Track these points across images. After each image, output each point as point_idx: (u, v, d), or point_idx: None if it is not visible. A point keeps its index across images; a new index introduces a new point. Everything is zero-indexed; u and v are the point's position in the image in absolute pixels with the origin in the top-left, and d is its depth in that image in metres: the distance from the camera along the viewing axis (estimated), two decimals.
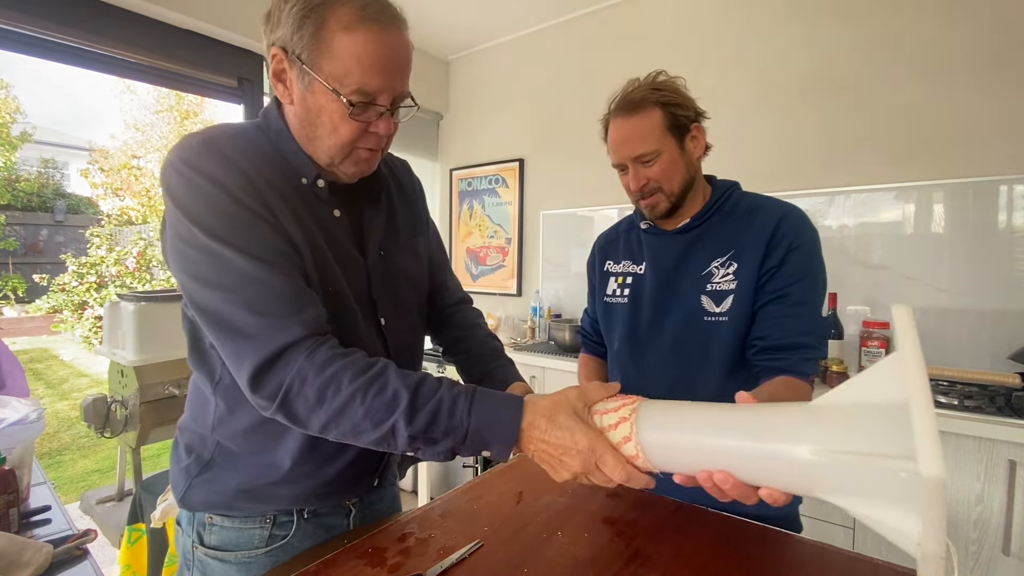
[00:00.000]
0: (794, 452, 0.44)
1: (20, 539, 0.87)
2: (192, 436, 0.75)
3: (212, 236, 0.60)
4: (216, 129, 0.68)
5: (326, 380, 0.58)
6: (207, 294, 0.61)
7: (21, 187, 10.89)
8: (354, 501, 0.82)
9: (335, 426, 0.59)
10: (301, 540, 0.76)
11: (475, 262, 3.20)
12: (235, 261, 0.60)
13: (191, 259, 0.62)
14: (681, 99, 0.92)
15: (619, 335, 1.03)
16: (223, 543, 0.74)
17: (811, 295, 0.87)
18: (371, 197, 0.80)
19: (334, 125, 0.66)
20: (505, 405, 0.60)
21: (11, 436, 1.11)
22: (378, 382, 0.59)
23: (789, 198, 2.02)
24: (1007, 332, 1.62)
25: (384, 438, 0.59)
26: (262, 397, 0.60)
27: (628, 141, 0.91)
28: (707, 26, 2.25)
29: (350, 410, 0.58)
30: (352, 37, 0.61)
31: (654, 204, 0.95)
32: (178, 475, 0.75)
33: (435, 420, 0.58)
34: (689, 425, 0.53)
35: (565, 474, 0.58)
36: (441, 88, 3.27)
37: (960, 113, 1.72)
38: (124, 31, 1.92)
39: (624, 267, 1.06)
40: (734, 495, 0.51)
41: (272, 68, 0.67)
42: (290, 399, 0.59)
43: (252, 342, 0.59)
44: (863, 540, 1.46)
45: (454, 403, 0.59)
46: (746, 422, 0.50)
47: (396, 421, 0.57)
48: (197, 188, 0.61)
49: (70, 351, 7.40)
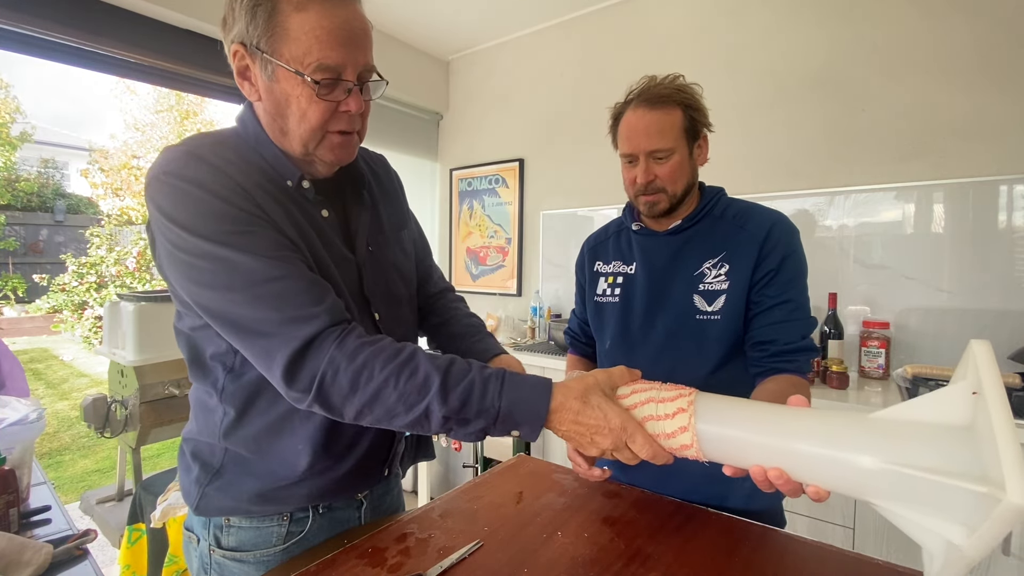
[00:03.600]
0: (857, 461, 0.48)
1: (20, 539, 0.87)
2: (199, 446, 0.75)
3: (215, 242, 0.60)
4: (196, 140, 0.67)
5: (358, 367, 0.59)
6: (221, 299, 0.61)
7: (21, 187, 10.89)
8: (365, 494, 0.83)
9: (370, 411, 0.60)
10: (316, 535, 0.77)
11: (475, 262, 3.20)
12: (244, 263, 0.60)
13: (197, 268, 0.61)
14: (700, 105, 0.95)
15: (611, 333, 1.05)
16: (242, 544, 0.74)
17: (805, 298, 0.92)
18: (355, 194, 0.80)
19: (302, 111, 0.65)
20: (535, 387, 0.61)
21: (11, 436, 1.11)
22: (409, 366, 0.60)
23: (789, 198, 2.05)
24: (1007, 332, 1.62)
25: (418, 420, 0.60)
26: (297, 390, 0.60)
27: (647, 133, 0.93)
28: (707, 26, 2.25)
29: (384, 395, 0.59)
30: (305, 15, 0.62)
31: (654, 202, 0.96)
32: (190, 485, 0.75)
33: (467, 401, 0.59)
34: (750, 423, 0.57)
35: (594, 451, 0.61)
36: (441, 88, 3.27)
37: (960, 113, 1.72)
38: (124, 31, 1.92)
39: (614, 267, 1.08)
40: (783, 489, 0.55)
41: (236, 67, 0.67)
42: (325, 388, 0.59)
43: (278, 338, 0.59)
44: (863, 540, 1.46)
45: (485, 385, 0.60)
46: (809, 428, 0.53)
47: (430, 403, 0.59)
48: (188, 196, 0.61)
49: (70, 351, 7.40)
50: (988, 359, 0.45)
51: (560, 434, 0.62)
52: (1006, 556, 1.29)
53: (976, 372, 0.45)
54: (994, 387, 0.43)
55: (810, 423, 0.54)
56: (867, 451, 0.48)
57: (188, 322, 0.70)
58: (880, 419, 0.50)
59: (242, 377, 0.70)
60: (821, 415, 0.55)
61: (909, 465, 0.45)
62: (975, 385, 0.45)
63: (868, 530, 1.45)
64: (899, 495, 0.47)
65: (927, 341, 1.77)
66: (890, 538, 1.42)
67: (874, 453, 0.47)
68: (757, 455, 0.55)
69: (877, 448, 0.48)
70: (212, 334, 0.68)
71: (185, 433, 0.78)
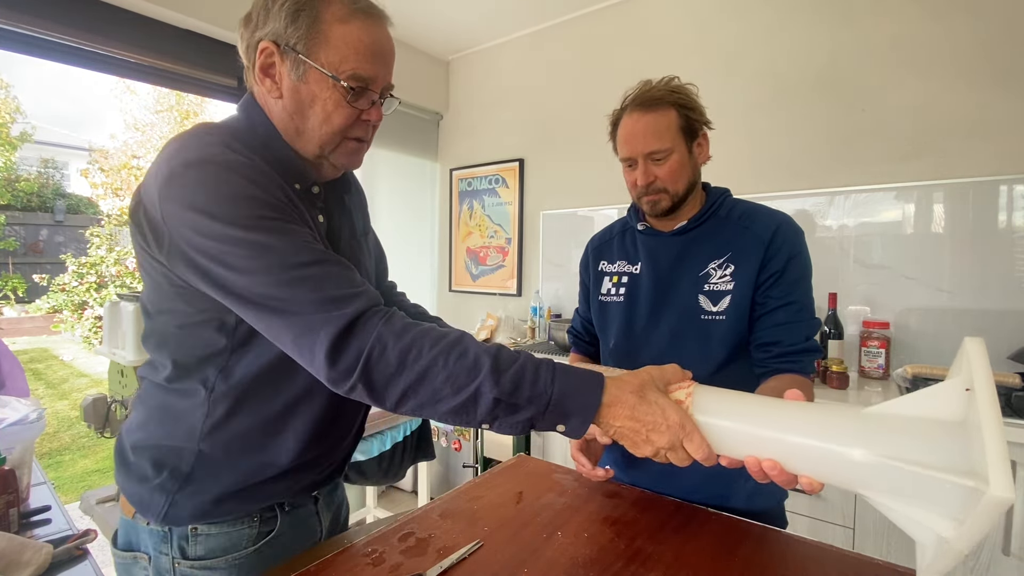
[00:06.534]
0: (849, 453, 0.49)
1: (20, 539, 0.87)
2: (160, 452, 0.70)
3: (247, 228, 0.58)
4: (207, 128, 0.66)
5: (407, 345, 0.57)
6: (258, 283, 0.58)
7: (21, 187, 10.89)
8: (319, 491, 0.84)
9: (414, 394, 0.58)
10: (285, 534, 0.77)
11: (475, 262, 3.20)
12: (280, 246, 0.59)
13: (228, 254, 0.59)
14: (695, 104, 0.96)
15: (615, 333, 1.05)
16: (211, 551, 0.71)
17: (810, 299, 0.93)
18: (337, 199, 0.82)
19: (327, 113, 0.68)
20: (587, 379, 0.60)
21: (11, 436, 1.11)
22: (459, 347, 0.58)
23: (789, 198, 2.05)
24: (1007, 332, 1.62)
25: (465, 404, 0.57)
26: (340, 370, 0.57)
27: (643, 136, 0.94)
28: (707, 26, 2.25)
29: (432, 374, 0.57)
30: (347, 27, 0.66)
31: (656, 201, 0.97)
32: (149, 494, 0.69)
33: (519, 385, 0.57)
34: (747, 415, 0.57)
35: (647, 449, 0.58)
36: (441, 88, 3.27)
37: (960, 113, 1.72)
38: (124, 31, 1.92)
39: (619, 267, 1.08)
40: (777, 480, 0.55)
41: (260, 63, 0.68)
42: (371, 366, 0.57)
43: (323, 316, 0.57)
44: (863, 540, 1.46)
45: (537, 371, 0.59)
46: (803, 421, 0.54)
47: (480, 384, 0.56)
48: (215, 180, 0.59)
49: (70, 351, 7.40)
50: (981, 356, 0.46)
51: (613, 431, 0.59)
52: (1006, 556, 1.29)
53: (969, 369, 0.46)
54: (984, 383, 0.44)
55: (804, 416, 0.55)
56: (859, 444, 0.49)
57: (178, 319, 0.68)
58: (874, 413, 0.51)
59: (234, 376, 0.69)
60: (816, 408, 0.55)
61: (899, 459, 0.46)
62: (968, 382, 0.46)
63: (868, 530, 1.45)
64: (890, 488, 0.48)
65: (927, 341, 1.77)
66: (890, 538, 1.42)
67: (865, 446, 0.48)
68: (752, 446, 0.56)
69: (869, 441, 0.49)
70: (206, 332, 0.67)
71: (136, 441, 0.72)
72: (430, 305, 3.35)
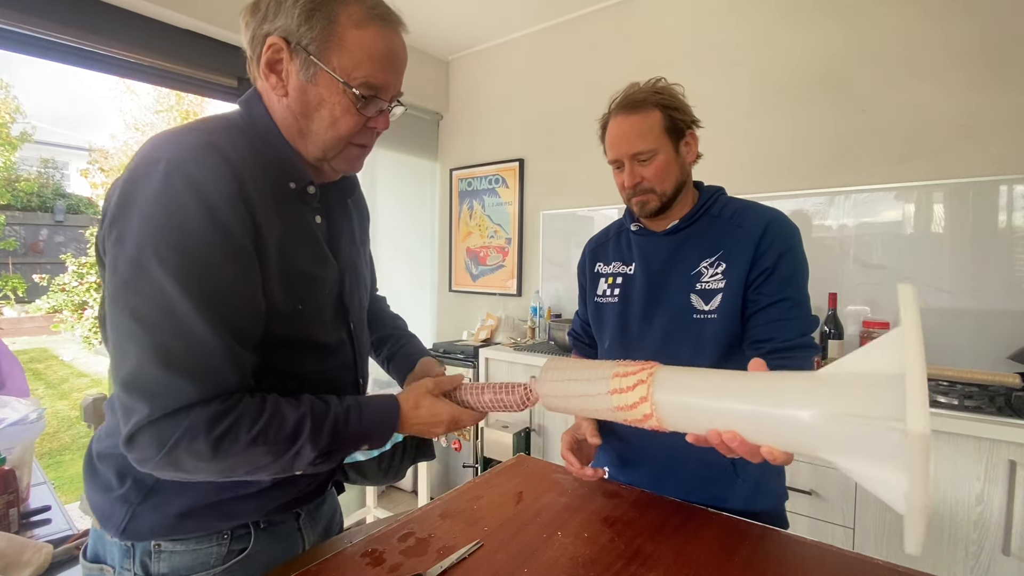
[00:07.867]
0: (798, 415, 0.49)
1: (20, 539, 0.87)
2: (125, 461, 0.64)
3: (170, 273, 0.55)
4: (211, 125, 0.64)
5: (220, 433, 0.56)
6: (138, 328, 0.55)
7: (21, 187, 10.89)
8: (302, 508, 0.79)
9: (232, 472, 0.60)
10: (259, 553, 0.72)
11: (475, 262, 3.20)
12: (181, 306, 0.55)
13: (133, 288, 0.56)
14: (679, 104, 0.96)
15: (610, 334, 1.05)
16: (175, 569, 0.67)
17: (804, 296, 0.92)
18: (340, 203, 0.80)
19: (334, 118, 0.66)
20: (386, 406, 0.71)
21: (11, 436, 1.11)
22: (276, 419, 0.61)
23: (789, 198, 2.05)
24: (1007, 332, 1.62)
25: (284, 467, 0.63)
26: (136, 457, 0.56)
27: (628, 138, 0.95)
28: (707, 26, 2.25)
29: (252, 454, 0.59)
30: (363, 33, 0.64)
31: (644, 202, 0.98)
32: (111, 505, 0.66)
33: (335, 435, 0.65)
34: (702, 389, 0.58)
35: (438, 430, 0.75)
36: (441, 88, 3.27)
37: (960, 113, 1.72)
38: (124, 31, 1.92)
39: (614, 268, 1.09)
40: (740, 452, 0.56)
41: (266, 58, 0.65)
42: (178, 453, 0.55)
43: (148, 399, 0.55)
44: (863, 540, 1.46)
45: (347, 415, 0.66)
46: (756, 388, 0.54)
47: (302, 447, 0.62)
48: (177, 202, 0.56)
49: (70, 351, 7.40)
50: (910, 301, 0.47)
51: (408, 431, 0.73)
52: (1006, 556, 1.29)
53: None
54: (910, 326, 0.45)
55: (757, 384, 0.55)
56: (807, 405, 0.49)
57: None
58: (823, 375, 0.51)
59: None
60: (771, 376, 0.55)
61: (844, 414, 0.46)
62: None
63: (868, 530, 1.45)
64: (844, 448, 0.47)
65: (927, 341, 1.76)
66: (890, 538, 1.42)
67: (812, 406, 0.48)
68: (712, 419, 0.56)
69: (815, 400, 0.49)
70: None
71: (104, 448, 0.68)
72: (430, 305, 3.35)
